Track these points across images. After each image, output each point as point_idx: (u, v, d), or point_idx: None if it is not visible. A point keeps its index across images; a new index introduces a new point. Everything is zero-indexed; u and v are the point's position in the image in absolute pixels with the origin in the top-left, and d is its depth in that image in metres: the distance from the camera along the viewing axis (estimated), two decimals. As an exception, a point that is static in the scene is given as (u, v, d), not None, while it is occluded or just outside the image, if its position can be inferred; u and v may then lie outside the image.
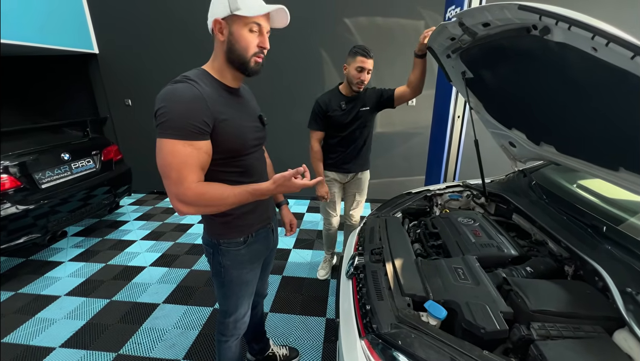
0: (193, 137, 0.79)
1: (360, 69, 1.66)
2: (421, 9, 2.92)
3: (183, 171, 0.79)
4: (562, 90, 0.97)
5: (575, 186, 1.53)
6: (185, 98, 0.79)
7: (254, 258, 1.13)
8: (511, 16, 0.71)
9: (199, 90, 0.82)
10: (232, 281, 1.09)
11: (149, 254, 2.66)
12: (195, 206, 0.82)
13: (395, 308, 1.02)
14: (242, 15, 0.81)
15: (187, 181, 0.79)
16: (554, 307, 0.90)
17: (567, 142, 1.20)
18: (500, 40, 0.95)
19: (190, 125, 0.78)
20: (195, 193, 0.79)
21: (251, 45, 0.86)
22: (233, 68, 0.90)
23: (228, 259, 1.05)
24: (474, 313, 0.91)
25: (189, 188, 0.79)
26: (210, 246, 1.06)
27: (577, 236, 1.16)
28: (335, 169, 1.95)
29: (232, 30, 0.85)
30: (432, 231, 1.49)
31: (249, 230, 1.07)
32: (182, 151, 0.78)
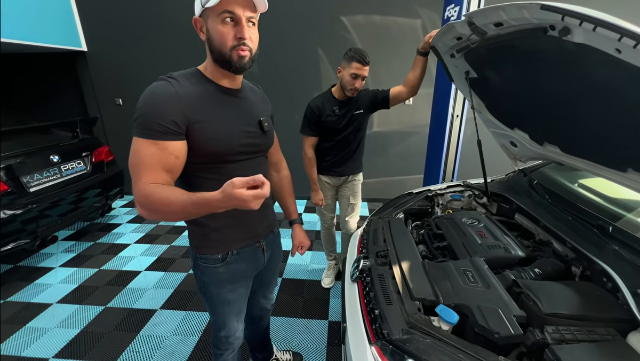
0: (158, 137, 0.75)
1: (355, 76, 1.61)
2: (418, 8, 2.91)
3: (139, 170, 0.75)
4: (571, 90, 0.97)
5: (576, 185, 1.53)
6: (155, 96, 0.76)
7: (236, 278, 1.02)
8: (529, 16, 0.70)
9: (174, 88, 0.78)
10: (213, 299, 1.01)
11: (143, 258, 2.59)
12: (145, 209, 0.74)
13: (405, 312, 1.00)
14: (213, 7, 0.75)
15: (140, 181, 0.74)
16: (567, 310, 0.89)
17: (572, 142, 1.20)
18: (511, 40, 0.94)
19: (156, 124, 0.74)
20: (143, 194, 0.72)
21: (227, 38, 0.78)
22: (220, 67, 0.83)
23: (206, 276, 0.98)
24: (487, 318, 0.90)
25: (140, 188, 0.73)
26: (192, 258, 1.00)
27: (583, 236, 1.16)
28: (328, 172, 1.91)
29: (207, 27, 0.79)
30: (437, 232, 1.48)
31: (228, 247, 0.97)
32: (144, 150, 0.75)
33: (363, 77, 1.64)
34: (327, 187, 1.95)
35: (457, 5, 2.01)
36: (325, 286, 2.14)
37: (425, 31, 3.00)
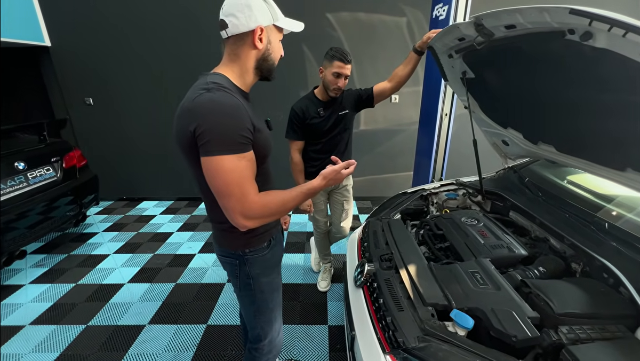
0: (244, 149, 0.78)
1: (337, 75, 1.57)
2: (404, 6, 2.92)
3: (244, 185, 0.77)
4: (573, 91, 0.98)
5: (565, 182, 1.59)
6: (229, 109, 0.76)
7: (278, 261, 1.12)
8: (550, 19, 0.69)
9: (237, 99, 0.79)
10: (264, 291, 1.05)
11: (125, 269, 2.43)
12: (260, 218, 0.81)
13: (418, 319, 0.99)
14: (280, 27, 0.86)
15: (250, 195, 0.78)
16: (578, 309, 0.91)
17: (569, 142, 1.23)
18: (519, 42, 0.94)
19: (240, 137, 0.76)
20: (260, 206, 0.79)
21: (280, 54, 0.93)
22: (257, 75, 0.91)
23: (257, 268, 1.01)
24: (502, 321, 0.90)
25: (254, 201, 0.78)
26: (235, 257, 0.99)
27: (581, 233, 1.20)
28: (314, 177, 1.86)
29: (271, 40, 0.87)
30: (437, 232, 1.48)
31: (270, 234, 1.05)
32: (238, 165, 0.76)
33: (346, 76, 1.60)
34: (319, 193, 1.90)
35: (446, 5, 2.02)
36: (322, 290, 2.11)
37: (411, 30, 3.02)
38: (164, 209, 3.63)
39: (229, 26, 0.83)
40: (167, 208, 3.65)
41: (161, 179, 3.80)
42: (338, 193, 1.94)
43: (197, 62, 3.25)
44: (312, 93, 1.72)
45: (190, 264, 2.46)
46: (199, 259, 2.53)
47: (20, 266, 2.49)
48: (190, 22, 3.13)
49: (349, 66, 1.56)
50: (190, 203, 3.78)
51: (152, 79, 3.35)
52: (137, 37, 3.21)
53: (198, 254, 2.62)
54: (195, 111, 0.73)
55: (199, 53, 3.24)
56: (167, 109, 3.44)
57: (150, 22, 3.15)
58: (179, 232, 3.03)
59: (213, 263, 2.47)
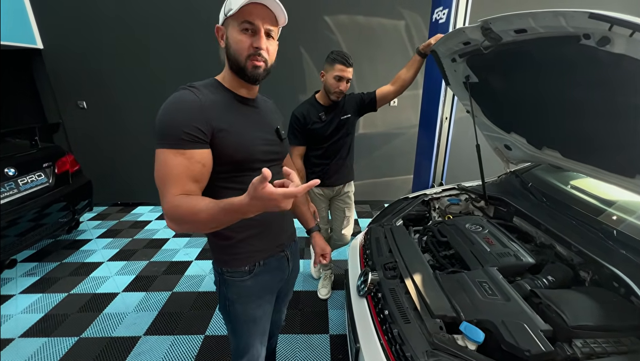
0: (185, 146, 0.73)
1: (339, 78, 1.54)
2: (402, 9, 2.91)
3: (167, 182, 0.73)
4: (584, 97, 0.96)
5: (569, 187, 1.57)
6: (178, 104, 0.75)
7: (263, 291, 1.00)
8: (565, 24, 0.67)
9: (197, 96, 0.77)
10: (238, 317, 0.97)
11: (120, 277, 2.36)
12: (174, 222, 0.72)
13: (426, 332, 0.95)
14: (234, 16, 0.76)
15: (169, 193, 0.72)
16: (591, 321, 0.88)
17: (576, 148, 1.22)
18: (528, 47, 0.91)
19: (182, 132, 0.72)
20: (172, 205, 0.71)
21: (244, 46, 0.79)
22: (235, 75, 0.84)
23: (233, 292, 0.94)
24: (514, 334, 0.87)
25: (168, 200, 0.72)
26: (217, 273, 0.96)
27: (588, 240, 1.18)
28: (320, 184, 1.81)
29: (227, 34, 0.81)
30: (441, 239, 1.45)
31: (255, 258, 0.95)
32: (170, 161, 0.73)
33: (347, 80, 1.57)
34: (321, 199, 1.87)
35: (446, 8, 2.00)
36: (322, 297, 2.07)
37: (410, 33, 3.01)
38: (160, 214, 3.56)
39: None
40: (163, 213, 3.58)
41: (156, 183, 3.74)
42: (340, 200, 1.91)
43: (194, 63, 3.21)
44: (313, 98, 1.69)
45: (187, 272, 2.40)
46: (195, 267, 2.48)
47: (10, 275, 2.41)
48: (188, 23, 3.08)
49: (350, 69, 1.54)
50: (187, 208, 3.71)
51: (147, 81, 3.29)
52: (132, 38, 3.16)
53: (195, 261, 2.56)
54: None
55: (197, 54, 3.19)
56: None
57: (147, 23, 3.11)
58: (175, 238, 2.97)
59: (210, 271, 2.41)
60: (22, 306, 2.06)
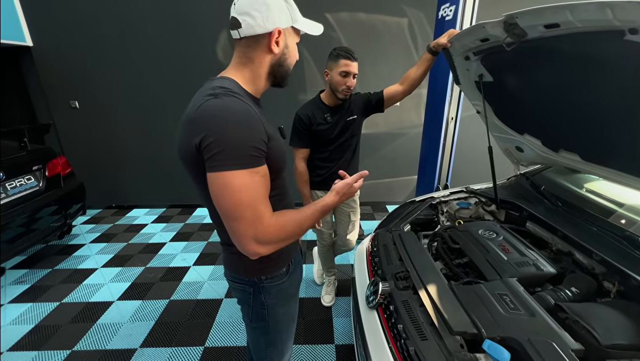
0: (257, 163, 0.68)
1: (345, 74, 1.47)
2: (405, 7, 2.84)
3: (258, 206, 0.67)
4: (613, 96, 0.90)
5: (584, 190, 1.51)
6: (241, 117, 0.66)
7: (296, 288, 1.02)
8: (612, 17, 0.60)
9: (250, 106, 0.70)
10: (279, 321, 0.95)
11: (114, 285, 2.27)
12: (275, 244, 0.72)
13: (446, 351, 0.88)
14: (297, 29, 0.79)
15: (265, 217, 0.68)
16: (625, 339, 0.82)
17: (598, 150, 1.15)
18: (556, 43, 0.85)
19: (253, 149, 0.66)
20: (276, 229, 0.69)
21: (296, 58, 0.85)
22: (270, 81, 0.83)
23: (273, 297, 0.91)
24: (543, 355, 0.80)
25: (269, 224, 0.68)
26: (249, 285, 0.89)
27: (610, 248, 1.12)
28: (324, 187, 1.74)
29: (288, 43, 0.79)
30: (453, 246, 1.39)
31: (289, 257, 0.95)
32: (250, 182, 0.66)
33: (354, 75, 1.50)
34: None
35: (453, 5, 1.94)
36: (326, 305, 1.99)
37: (412, 31, 2.94)
38: (156, 217, 3.46)
39: (242, 26, 0.73)
40: (159, 216, 3.49)
41: (152, 185, 3.64)
42: (344, 204, 1.83)
43: (190, 61, 3.12)
44: (318, 98, 1.61)
45: (185, 278, 2.32)
46: (194, 273, 2.39)
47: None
48: (184, 20, 2.99)
49: (355, 64, 1.47)
50: (184, 210, 3.62)
51: (142, 80, 3.19)
52: (126, 35, 3.06)
53: (193, 266, 2.48)
54: (201, 121, 0.64)
55: (193, 52, 3.10)
56: (159, 112, 3.29)
57: (141, 19, 3.00)
58: (172, 242, 2.88)
59: (209, 277, 2.33)
60: (11, 317, 1.97)
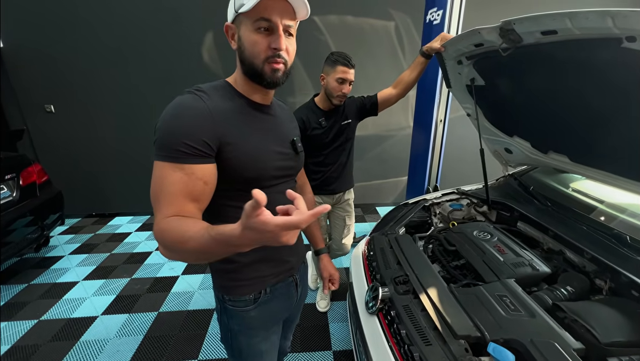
0: (185, 160, 0.63)
1: (342, 81, 1.48)
2: (391, 10, 2.87)
3: (160, 201, 0.63)
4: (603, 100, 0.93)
5: (570, 190, 1.56)
6: (183, 112, 0.65)
7: (270, 322, 0.90)
8: (612, 25, 0.62)
9: (205, 103, 0.67)
10: (242, 351, 0.87)
11: (98, 298, 2.16)
12: (164, 248, 0.62)
13: (451, 355, 0.88)
14: (247, 13, 0.65)
15: (160, 213, 0.62)
16: (623, 336, 0.84)
17: (586, 152, 1.19)
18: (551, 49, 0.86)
19: (183, 144, 0.62)
20: (160, 229, 0.60)
21: (260, 48, 0.68)
22: (250, 80, 0.73)
23: (235, 323, 0.84)
24: (546, 355, 0.81)
25: (158, 222, 0.62)
26: (218, 301, 0.86)
27: (600, 246, 1.16)
28: (320, 191, 1.72)
29: (240, 34, 0.69)
30: (449, 248, 1.40)
31: (261, 285, 0.84)
32: (167, 176, 0.63)
33: (350, 82, 1.51)
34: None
35: (441, 9, 1.97)
36: (322, 310, 1.97)
37: (399, 34, 2.98)
38: (140, 225, 3.33)
39: None
40: (144, 224, 3.36)
41: (135, 191, 3.50)
42: (340, 208, 1.82)
43: (175, 62, 3.03)
44: (312, 102, 1.59)
45: (174, 288, 2.23)
46: (183, 282, 2.31)
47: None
48: (168, 19, 2.90)
49: (352, 71, 1.47)
50: (169, 217, 3.49)
51: (123, 81, 3.07)
52: (107, 35, 2.93)
53: (181, 276, 2.39)
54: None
55: (177, 53, 3.01)
56: (142, 114, 3.17)
57: (121, 17, 2.88)
58: (158, 251, 2.77)
59: (200, 286, 2.26)
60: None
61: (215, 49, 3.01)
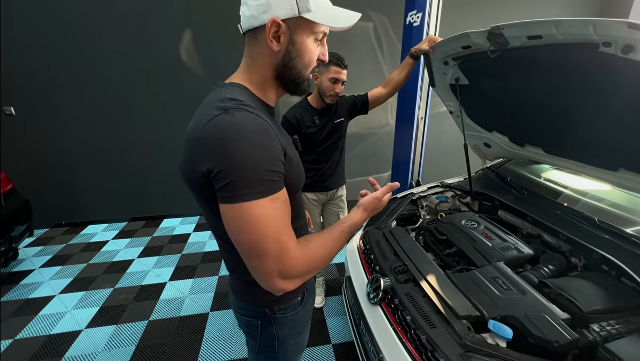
0: (277, 188, 0.57)
1: (335, 80, 1.53)
2: (370, 11, 2.95)
3: (283, 238, 0.57)
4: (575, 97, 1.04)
5: (542, 179, 1.72)
6: (256, 138, 0.55)
7: (309, 315, 0.95)
8: (593, 32, 0.71)
9: (265, 120, 0.59)
10: (288, 353, 0.87)
11: (79, 311, 2.04)
12: (303, 276, 0.63)
13: (455, 335, 0.95)
14: (312, 21, 0.59)
15: (290, 249, 0.58)
16: (601, 305, 0.96)
17: (559, 144, 1.32)
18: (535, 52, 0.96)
19: (272, 173, 0.55)
20: (304, 261, 0.60)
21: (314, 60, 0.66)
22: (279, 86, 0.68)
23: (285, 328, 0.83)
24: (539, 327, 0.90)
25: (296, 257, 0.59)
26: (257, 317, 0.80)
27: (573, 228, 1.29)
28: (313, 189, 1.77)
29: (294, 39, 0.62)
30: (440, 237, 1.49)
31: (304, 284, 0.86)
32: (272, 211, 0.56)
33: (343, 82, 1.56)
34: (314, 204, 1.81)
35: (420, 12, 2.07)
36: (317, 306, 2.00)
37: (377, 34, 3.07)
38: (117, 232, 3.17)
39: (241, 18, 0.64)
40: (121, 231, 3.19)
41: (109, 197, 3.31)
42: (333, 204, 1.86)
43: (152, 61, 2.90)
44: (305, 101, 1.62)
45: (163, 295, 2.16)
46: (171, 289, 2.24)
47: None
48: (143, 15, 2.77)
49: (345, 71, 1.52)
50: (149, 223, 3.36)
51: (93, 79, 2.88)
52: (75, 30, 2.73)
53: (169, 282, 2.32)
54: (209, 143, 0.54)
55: (154, 51, 2.88)
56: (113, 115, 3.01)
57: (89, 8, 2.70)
58: (140, 258, 2.66)
59: (190, 291, 2.20)
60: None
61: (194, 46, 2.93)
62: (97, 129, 3.05)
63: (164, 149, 3.20)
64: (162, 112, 3.08)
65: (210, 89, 0.69)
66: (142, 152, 3.19)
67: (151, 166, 3.25)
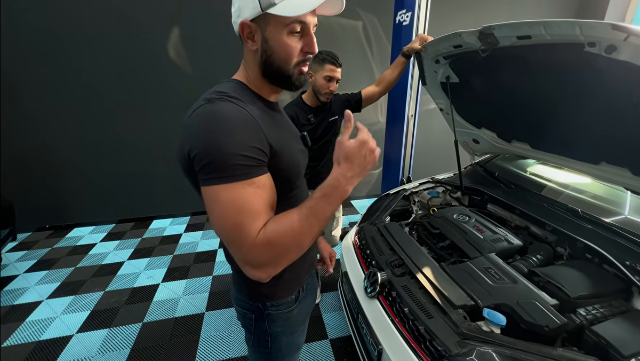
0: (252, 174, 0.58)
1: (329, 79, 1.55)
2: (359, 10, 2.97)
3: (244, 223, 0.56)
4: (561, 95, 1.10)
5: (528, 173, 1.79)
6: (231, 124, 0.57)
7: (305, 315, 0.93)
8: (579, 33, 0.75)
9: (245, 110, 0.60)
10: (281, 350, 0.87)
11: (69, 316, 1.98)
12: (272, 264, 0.59)
13: (452, 324, 0.99)
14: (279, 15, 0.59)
15: (249, 235, 0.56)
16: (586, 290, 1.02)
17: (545, 139, 1.38)
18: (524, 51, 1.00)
19: (245, 158, 0.56)
20: (264, 243, 0.56)
21: (293, 54, 0.64)
22: (271, 82, 0.69)
23: (278, 325, 0.83)
24: (530, 313, 0.95)
25: (253, 243, 0.56)
26: (252, 310, 0.82)
27: (558, 219, 1.36)
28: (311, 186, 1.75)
29: (266, 36, 0.62)
30: (433, 231, 1.54)
31: (299, 283, 0.85)
32: (239, 196, 0.56)
33: (337, 80, 1.58)
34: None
35: (409, 11, 2.11)
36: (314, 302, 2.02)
37: (367, 33, 3.10)
38: (105, 235, 3.09)
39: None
40: (109, 233, 3.12)
41: (95, 198, 3.21)
42: None
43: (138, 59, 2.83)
44: (300, 99, 1.63)
45: (156, 297, 2.13)
46: (165, 290, 2.21)
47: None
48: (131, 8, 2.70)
49: (339, 69, 1.53)
50: (138, 224, 3.29)
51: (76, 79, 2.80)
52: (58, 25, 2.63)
53: (162, 283, 2.28)
54: (191, 129, 0.58)
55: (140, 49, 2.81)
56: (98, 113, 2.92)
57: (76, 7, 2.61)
58: (131, 260, 2.61)
59: (184, 292, 2.18)
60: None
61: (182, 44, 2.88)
62: (81, 129, 2.95)
63: (150, 148, 3.13)
64: (148, 112, 3.01)
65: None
66: (128, 152, 3.11)
67: (138, 166, 3.18)
